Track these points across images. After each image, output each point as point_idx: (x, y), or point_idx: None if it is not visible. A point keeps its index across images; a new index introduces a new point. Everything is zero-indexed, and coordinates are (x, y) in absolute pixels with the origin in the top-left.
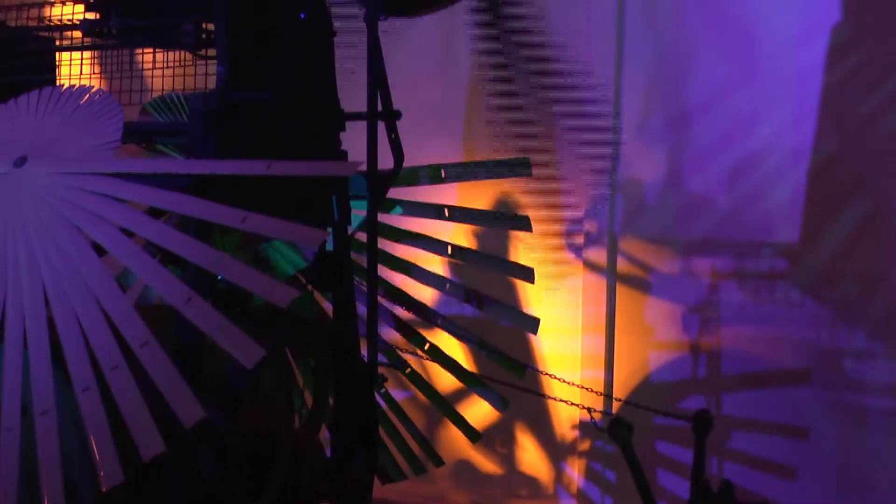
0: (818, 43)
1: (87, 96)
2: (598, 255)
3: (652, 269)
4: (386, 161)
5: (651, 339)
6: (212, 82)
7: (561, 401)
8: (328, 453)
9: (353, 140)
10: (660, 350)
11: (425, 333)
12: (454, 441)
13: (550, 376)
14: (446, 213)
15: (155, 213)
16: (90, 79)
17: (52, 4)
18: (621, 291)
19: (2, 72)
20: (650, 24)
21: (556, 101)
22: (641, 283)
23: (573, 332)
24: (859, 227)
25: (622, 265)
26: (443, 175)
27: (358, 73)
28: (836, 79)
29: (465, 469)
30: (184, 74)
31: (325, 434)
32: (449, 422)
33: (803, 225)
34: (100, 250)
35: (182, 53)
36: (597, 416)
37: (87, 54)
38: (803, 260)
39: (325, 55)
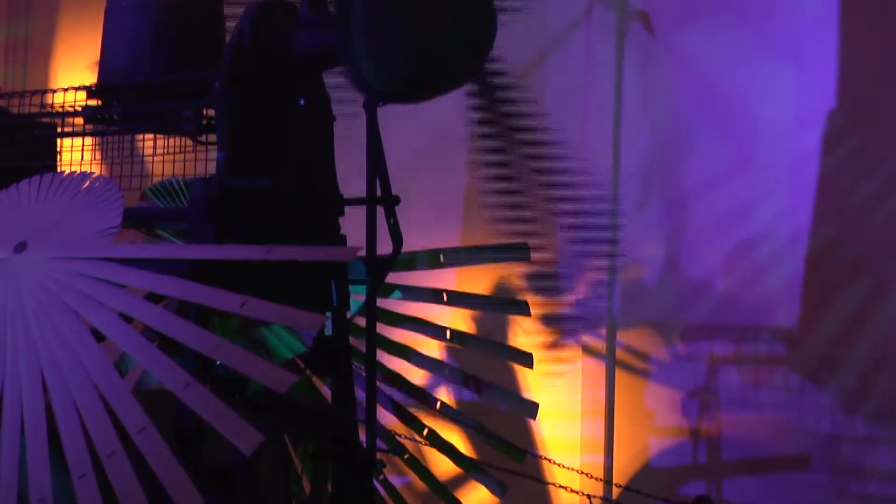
0: (814, 129)
1: (88, 182)
2: (596, 339)
3: (651, 354)
4: (385, 246)
5: (651, 423)
6: (212, 168)
7: (560, 487)
8: None
9: (353, 225)
10: (660, 435)
11: (424, 418)
12: None
13: (550, 461)
14: (445, 298)
15: (154, 298)
16: (91, 164)
17: (54, 91)
18: (620, 376)
19: (3, 158)
20: (647, 110)
21: (555, 186)
22: (640, 368)
23: (572, 417)
24: (858, 312)
25: (621, 349)
26: (441, 260)
27: (357, 158)
28: (833, 164)
29: None
30: (184, 160)
31: None
32: None
33: (802, 309)
34: (98, 335)
35: (182, 139)
36: (597, 502)
37: (88, 140)
38: (802, 344)
39: (325, 140)
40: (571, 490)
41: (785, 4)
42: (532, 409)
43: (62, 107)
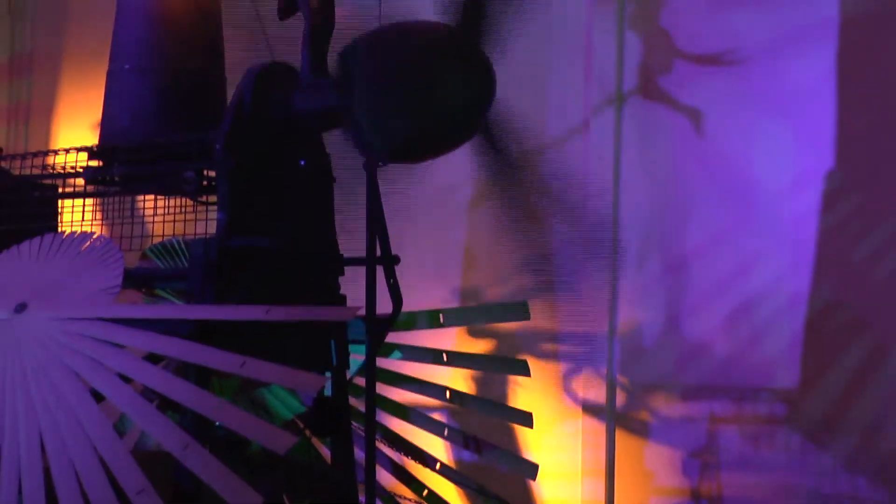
0: (813, 189)
1: (89, 242)
2: (597, 398)
3: (651, 414)
4: (385, 305)
5: (651, 484)
6: (212, 228)
7: None
8: None
9: (352, 284)
10: (661, 495)
11: (424, 479)
12: None
13: None
14: (445, 358)
15: (154, 358)
16: (91, 225)
17: (55, 153)
18: (621, 436)
19: (5, 219)
20: (647, 170)
21: (554, 249)
22: (641, 428)
23: (573, 477)
24: (859, 372)
25: (621, 409)
26: (441, 320)
27: (357, 217)
28: (832, 224)
29: None
30: (184, 220)
31: None
32: None
33: (802, 370)
34: (98, 396)
35: (183, 200)
36: None
37: (89, 201)
38: (803, 405)
39: (325, 201)
40: None
41: (783, 66)
42: (532, 469)
43: (63, 168)
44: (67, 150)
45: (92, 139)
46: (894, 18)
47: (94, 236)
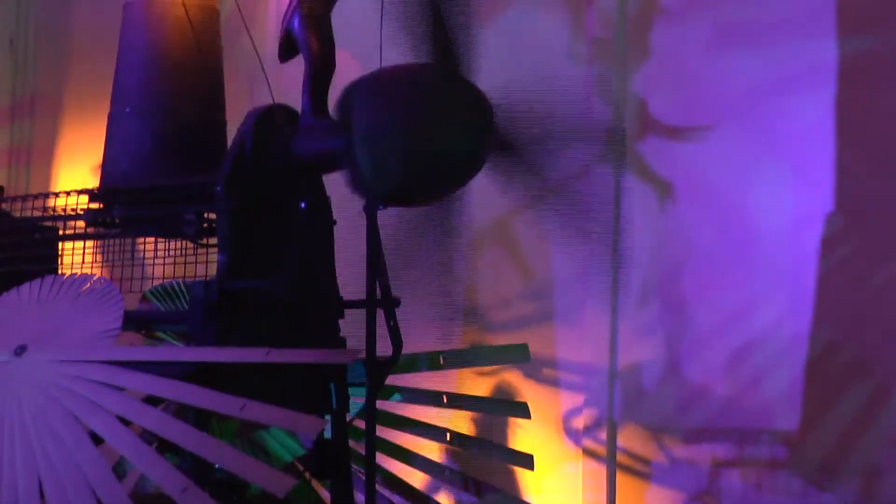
0: (812, 231)
1: (89, 284)
2: (597, 441)
3: (652, 457)
4: (384, 347)
5: None
6: (212, 270)
7: None
8: None
9: (353, 326)
10: None
11: None
12: None
13: None
14: (445, 400)
15: (153, 400)
16: (92, 267)
17: (56, 195)
18: (621, 479)
19: (5, 261)
20: (646, 211)
21: (554, 291)
22: (641, 471)
23: None
24: (860, 415)
25: (622, 452)
26: (441, 362)
27: (357, 260)
28: (832, 267)
29: None
30: (185, 262)
31: None
32: None
33: (803, 412)
34: (97, 439)
35: (183, 242)
36: None
37: (89, 243)
38: (804, 448)
39: (326, 243)
40: None
41: (781, 108)
42: None
43: (64, 210)
44: (68, 193)
45: (93, 181)
46: (893, 60)
47: (95, 278)
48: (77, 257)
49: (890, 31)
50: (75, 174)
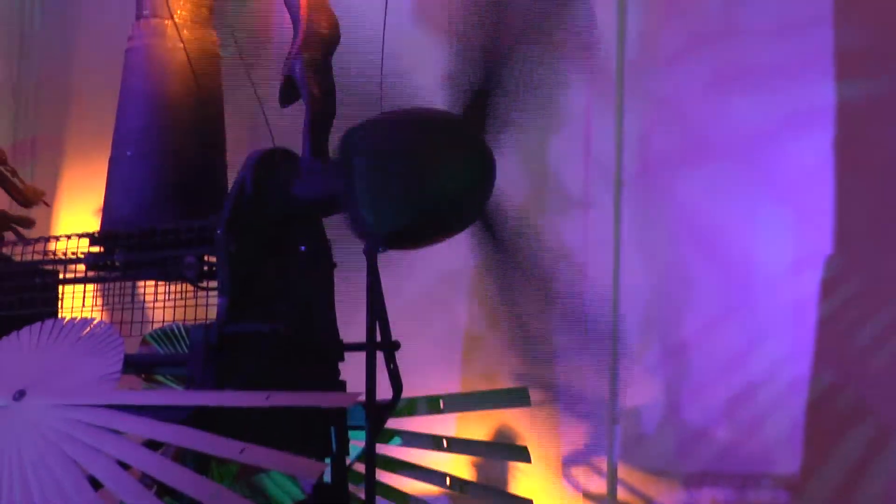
0: (812, 274)
1: (89, 328)
2: (598, 486)
3: (653, 501)
4: (385, 391)
5: None
6: (213, 313)
7: None
8: None
9: (352, 370)
10: None
11: None
12: None
13: None
14: (445, 444)
15: (153, 444)
16: (92, 311)
17: (56, 239)
18: None
19: (5, 306)
20: (646, 254)
21: (554, 332)
22: None
23: None
24: (861, 458)
25: (622, 497)
26: (441, 406)
27: (357, 303)
28: (832, 309)
29: None
30: (185, 306)
31: None
32: None
33: (804, 456)
34: (96, 484)
35: (183, 285)
36: None
37: (90, 286)
38: (805, 492)
39: (326, 286)
40: None
41: (781, 150)
42: None
43: (65, 254)
44: (69, 236)
45: (93, 225)
46: (892, 103)
47: (95, 322)
48: (77, 301)
49: (887, 74)
50: (76, 218)
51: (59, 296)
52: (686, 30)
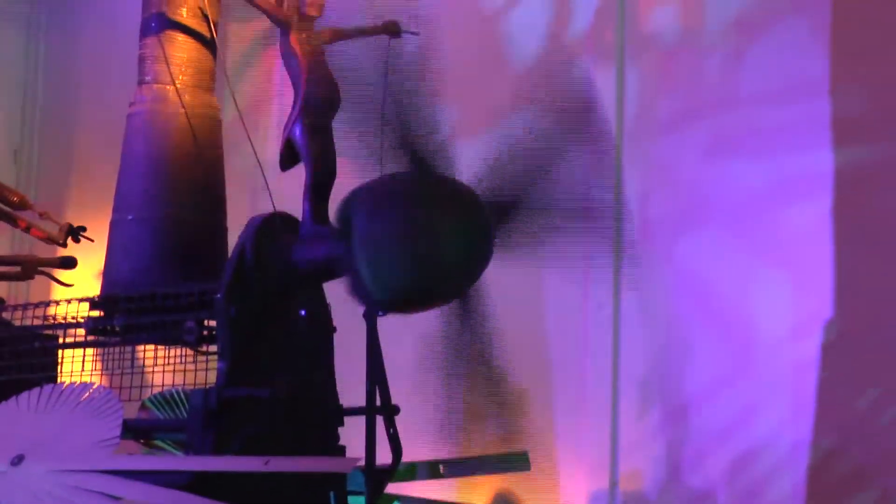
0: (812, 339)
1: (88, 393)
2: None
3: None
4: (384, 455)
5: None
6: (212, 377)
7: None
8: None
9: (352, 434)
10: None
11: None
12: None
13: None
14: None
15: None
16: (91, 375)
17: (56, 303)
18: None
19: (4, 370)
20: (646, 316)
21: (554, 395)
22: None
23: None
24: None
25: None
26: (441, 471)
27: (357, 368)
28: (832, 373)
29: None
30: (184, 370)
31: None
32: None
33: None
34: None
35: (183, 350)
36: None
37: (89, 351)
38: None
39: (325, 350)
40: None
41: (780, 215)
42: None
43: (65, 318)
44: (69, 301)
45: (94, 289)
46: (890, 167)
47: (94, 387)
48: (77, 365)
49: (885, 140)
50: (77, 282)
51: (59, 360)
52: (684, 96)
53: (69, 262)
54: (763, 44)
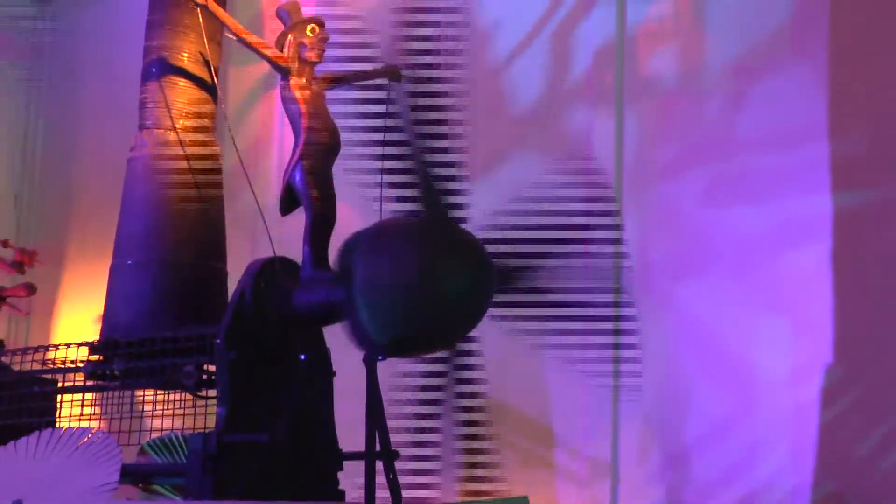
0: (812, 382)
1: (86, 438)
2: None
3: None
4: (384, 501)
5: None
6: (211, 422)
7: None
8: None
9: (352, 479)
10: None
11: None
12: None
13: None
14: None
15: None
16: (90, 419)
17: (56, 348)
18: None
19: (4, 415)
20: (646, 361)
21: (554, 438)
22: None
23: None
24: None
25: None
26: None
27: (357, 412)
28: (833, 417)
29: None
30: (183, 415)
31: None
32: None
33: None
34: None
35: (182, 394)
36: None
37: (88, 395)
38: None
39: (325, 395)
40: None
41: (779, 259)
42: None
43: (64, 363)
44: (68, 345)
45: (93, 333)
46: (889, 210)
47: (92, 432)
48: (76, 410)
49: (884, 184)
50: (76, 326)
51: (58, 405)
52: (684, 140)
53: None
54: (762, 88)
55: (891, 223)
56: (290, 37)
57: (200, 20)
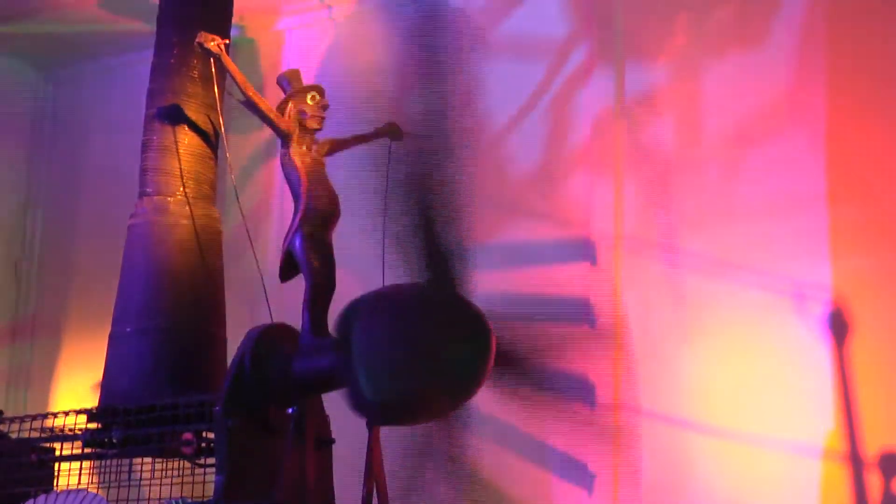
0: (813, 453)
1: (81, 502)
2: None
3: None
4: None
5: None
6: (210, 490)
7: None
8: None
9: None
10: None
11: None
12: None
13: None
14: None
15: None
16: (88, 487)
17: (54, 416)
18: None
19: (1, 484)
20: (645, 424)
21: (553, 489)
22: None
23: None
24: None
25: None
26: None
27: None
28: (833, 486)
29: None
30: (182, 482)
31: None
32: None
33: None
34: None
35: (181, 462)
36: None
37: (86, 463)
38: None
39: (323, 462)
40: None
41: (778, 329)
42: None
43: (62, 430)
44: (66, 413)
45: (92, 401)
46: (887, 278)
47: (89, 497)
48: (74, 478)
49: (883, 251)
50: (74, 393)
51: (55, 473)
52: (683, 206)
53: None
54: (760, 156)
55: (890, 290)
56: (290, 104)
57: (213, 72)
